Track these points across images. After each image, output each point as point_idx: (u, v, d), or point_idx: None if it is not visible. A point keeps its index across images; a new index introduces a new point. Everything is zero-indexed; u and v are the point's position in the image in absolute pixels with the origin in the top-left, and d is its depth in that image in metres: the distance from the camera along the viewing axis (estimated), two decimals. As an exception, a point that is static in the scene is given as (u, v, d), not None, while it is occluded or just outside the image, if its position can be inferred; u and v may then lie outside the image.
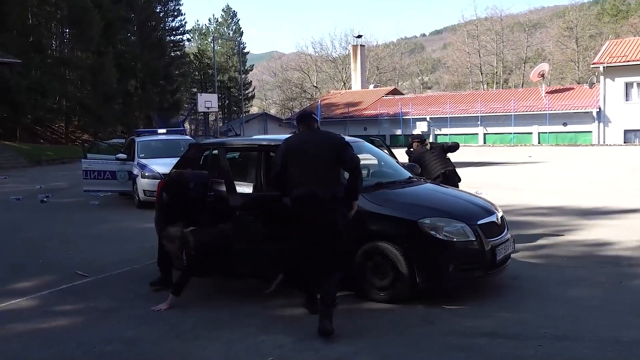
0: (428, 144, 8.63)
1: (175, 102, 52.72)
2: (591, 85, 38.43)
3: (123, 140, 19.06)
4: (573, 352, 4.02)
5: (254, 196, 5.68)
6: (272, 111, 72.54)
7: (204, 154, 6.52)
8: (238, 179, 5.80)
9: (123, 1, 45.15)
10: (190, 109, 48.69)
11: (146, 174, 11.77)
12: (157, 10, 54.31)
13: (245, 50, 65.79)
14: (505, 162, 22.80)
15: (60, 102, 40.59)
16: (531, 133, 38.26)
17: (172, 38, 57.88)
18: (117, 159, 13.03)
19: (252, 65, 75.76)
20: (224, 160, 5.70)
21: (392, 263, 4.99)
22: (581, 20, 61.90)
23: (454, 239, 5.05)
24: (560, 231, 8.39)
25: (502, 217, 5.68)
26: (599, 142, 35.21)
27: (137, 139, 13.47)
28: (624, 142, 34.32)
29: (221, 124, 57.41)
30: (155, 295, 5.51)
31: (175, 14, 58.19)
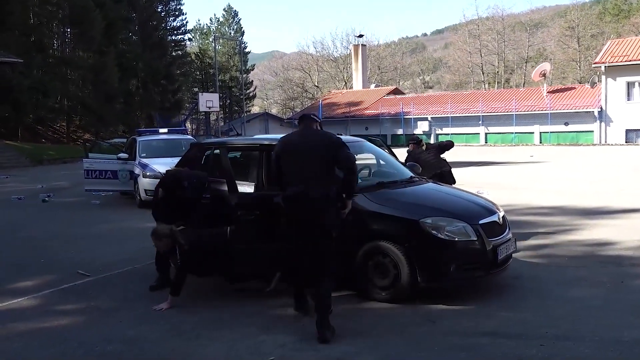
0: (424, 144, 8.70)
1: (176, 101, 52.74)
2: (593, 84, 38.37)
3: (124, 140, 19.07)
4: (574, 352, 4.02)
5: (252, 195, 5.68)
6: (274, 111, 72.57)
7: (206, 154, 6.52)
8: (239, 178, 5.79)
9: (124, 1, 45.14)
10: (192, 109, 48.67)
11: (147, 174, 11.77)
12: (159, 10, 54.33)
13: (246, 50, 65.80)
14: (507, 162, 22.78)
15: (61, 101, 40.65)
16: (532, 133, 38.24)
17: (173, 38, 57.88)
18: (119, 158, 13.03)
19: (254, 65, 75.76)
20: (226, 160, 5.70)
21: (394, 262, 4.99)
22: (583, 19, 61.85)
23: (456, 239, 5.04)
24: (561, 231, 8.38)
25: (503, 216, 5.67)
26: (600, 141, 35.18)
27: (139, 139, 13.49)
28: (626, 142, 34.27)
29: (222, 124, 57.48)
30: (156, 294, 5.52)
31: (177, 13, 58.23)
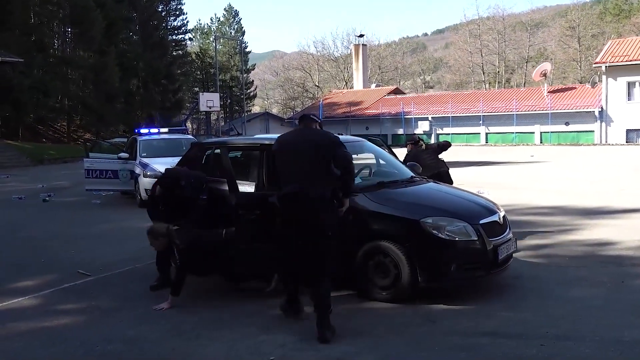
0: (422, 145, 8.70)
1: (177, 101, 52.77)
2: (593, 84, 38.36)
3: (125, 140, 19.08)
4: (575, 352, 4.02)
5: (249, 195, 5.67)
6: (274, 110, 72.62)
7: (206, 153, 6.53)
8: (240, 178, 5.79)
9: (125, 0, 45.17)
10: (192, 108, 48.72)
11: (148, 173, 11.76)
12: (159, 10, 54.36)
13: (247, 50, 65.86)
14: (507, 162, 22.77)
15: (62, 101, 40.68)
16: (533, 132, 38.22)
17: (174, 37, 57.91)
18: (119, 158, 13.04)
19: (254, 65, 75.76)
20: (226, 160, 5.70)
21: (394, 262, 4.99)
22: (583, 19, 61.80)
23: (456, 239, 5.04)
24: (562, 231, 8.37)
25: (504, 216, 5.67)
26: (601, 141, 35.16)
27: (139, 138, 13.50)
28: (626, 142, 34.25)
29: (223, 124, 57.55)
30: (157, 294, 5.52)
31: (177, 13, 58.30)
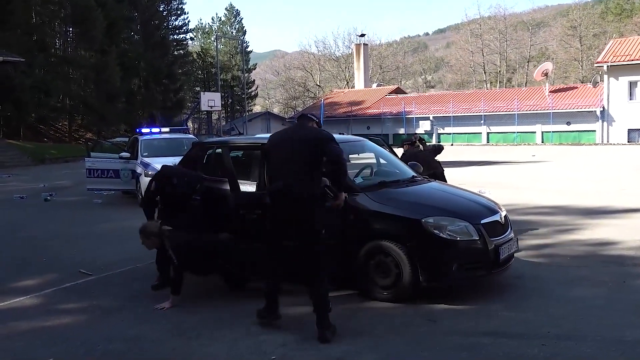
0: (420, 145, 8.72)
1: (178, 101, 52.80)
2: (595, 84, 38.29)
3: (126, 139, 19.08)
4: (576, 351, 4.01)
5: (247, 195, 5.66)
6: (275, 110, 72.62)
7: (207, 153, 6.53)
8: (241, 177, 5.80)
9: (126, 0, 45.20)
10: (193, 108, 48.72)
11: (149, 173, 11.72)
12: (161, 9, 54.39)
13: (248, 49, 65.86)
14: (509, 161, 22.75)
15: (63, 100, 40.71)
16: (534, 132, 38.17)
17: (175, 37, 57.91)
18: (121, 157, 13.04)
19: (255, 64, 75.70)
20: (228, 159, 5.70)
21: (395, 262, 4.99)
22: (585, 19, 61.69)
23: (458, 238, 5.04)
24: (563, 230, 8.37)
25: (505, 216, 5.66)
26: (602, 141, 35.11)
27: (141, 138, 13.50)
28: (628, 142, 34.19)
29: (224, 123, 57.55)
30: (158, 294, 5.52)
31: (179, 12, 58.28)
